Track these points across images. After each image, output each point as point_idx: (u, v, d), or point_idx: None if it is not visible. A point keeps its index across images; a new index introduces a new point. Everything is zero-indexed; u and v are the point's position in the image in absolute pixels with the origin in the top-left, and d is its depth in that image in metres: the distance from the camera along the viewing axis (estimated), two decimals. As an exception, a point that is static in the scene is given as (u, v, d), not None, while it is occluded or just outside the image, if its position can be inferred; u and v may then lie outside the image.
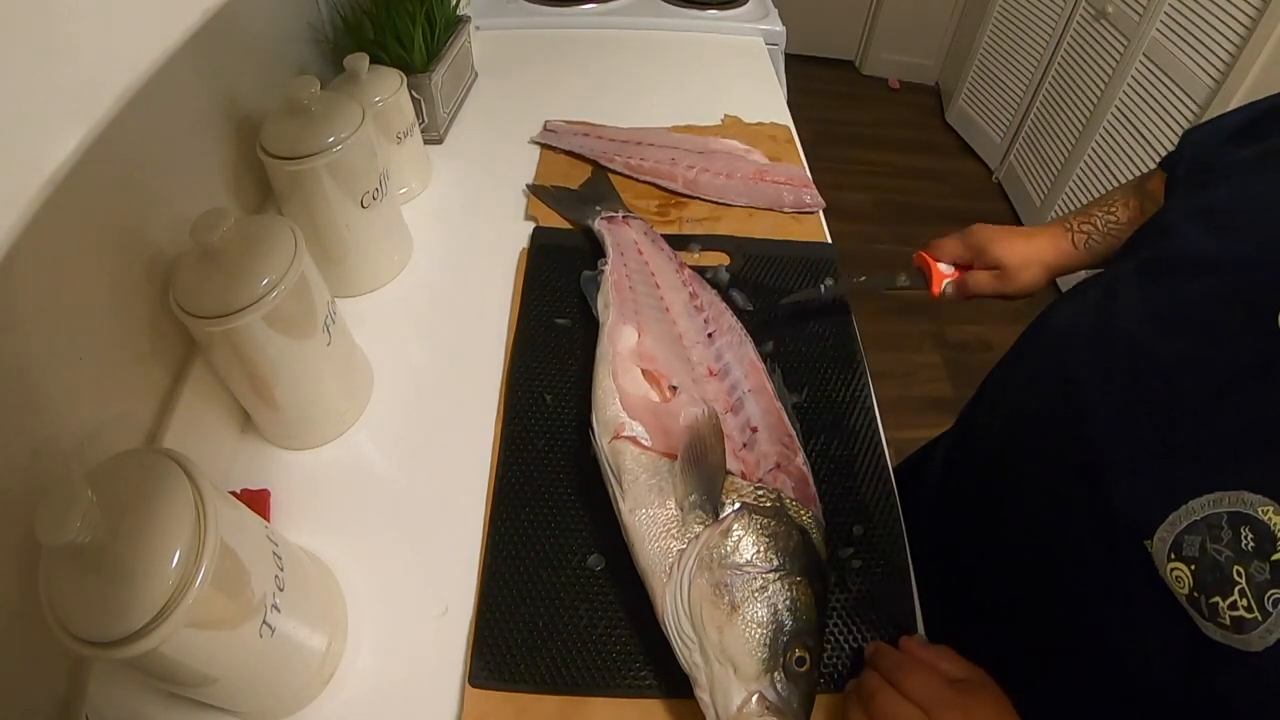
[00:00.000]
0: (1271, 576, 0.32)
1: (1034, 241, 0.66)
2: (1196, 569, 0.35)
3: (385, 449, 0.62)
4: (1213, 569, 0.34)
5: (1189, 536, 0.35)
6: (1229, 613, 0.33)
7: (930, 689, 0.43)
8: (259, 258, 0.50)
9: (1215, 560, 0.34)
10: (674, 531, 0.48)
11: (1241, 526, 0.34)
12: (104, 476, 0.36)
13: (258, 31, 0.70)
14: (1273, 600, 0.32)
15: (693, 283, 0.69)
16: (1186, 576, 0.35)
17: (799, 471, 0.53)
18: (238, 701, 0.45)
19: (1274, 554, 0.32)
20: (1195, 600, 0.35)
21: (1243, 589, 0.33)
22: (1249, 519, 0.34)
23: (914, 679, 0.43)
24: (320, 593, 0.49)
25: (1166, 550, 0.36)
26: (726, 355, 0.61)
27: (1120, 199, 0.65)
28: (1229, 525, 0.34)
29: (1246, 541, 0.33)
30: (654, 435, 0.53)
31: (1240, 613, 0.33)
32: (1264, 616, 0.32)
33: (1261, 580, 0.33)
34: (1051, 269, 0.66)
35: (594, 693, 0.48)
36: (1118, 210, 0.65)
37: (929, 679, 0.43)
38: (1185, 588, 0.35)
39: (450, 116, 0.96)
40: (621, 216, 0.77)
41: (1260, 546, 0.33)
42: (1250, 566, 0.33)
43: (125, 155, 0.49)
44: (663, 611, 0.46)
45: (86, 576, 0.34)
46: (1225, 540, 0.34)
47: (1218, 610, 0.34)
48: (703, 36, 1.21)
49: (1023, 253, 0.66)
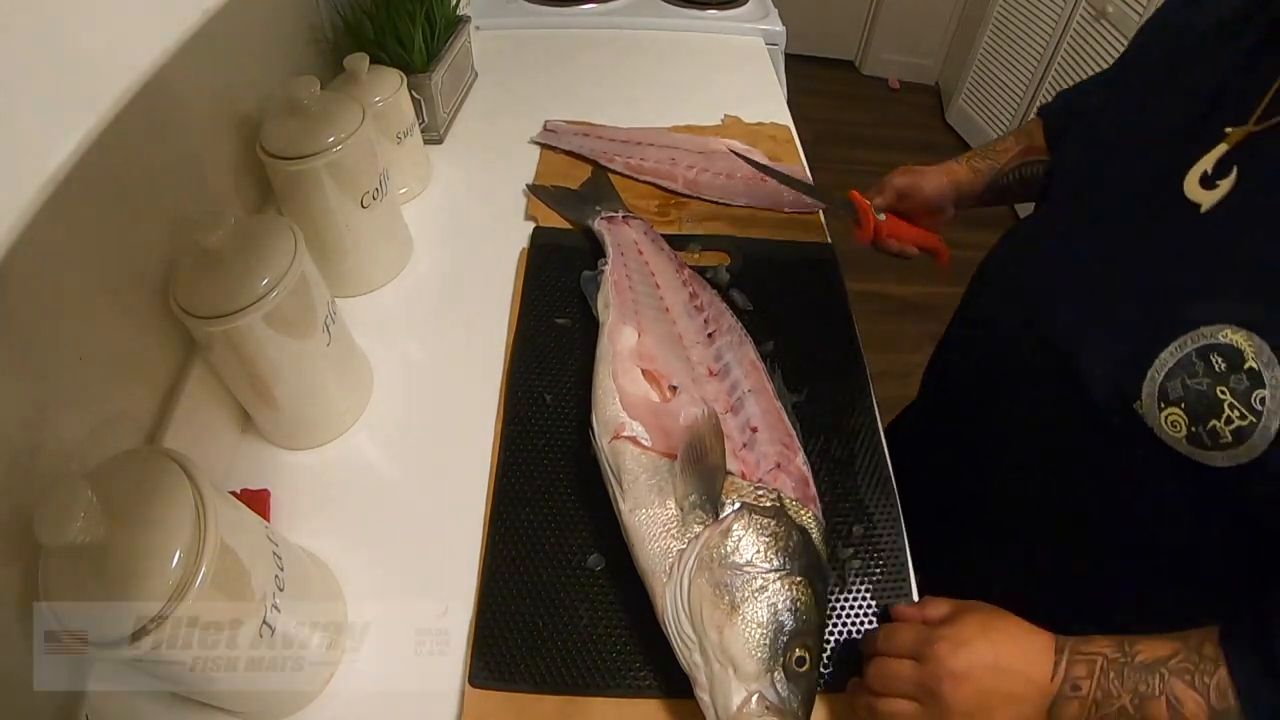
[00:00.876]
0: (1250, 383, 0.38)
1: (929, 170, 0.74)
2: (1186, 405, 0.40)
3: (385, 449, 0.62)
4: (1200, 399, 0.40)
5: (1170, 383, 0.41)
6: (1227, 429, 0.39)
7: (916, 637, 0.44)
8: (259, 258, 0.50)
9: (1199, 391, 0.40)
10: (674, 531, 0.48)
11: (1210, 355, 0.39)
12: (104, 476, 0.36)
13: (258, 31, 0.70)
14: (1259, 399, 0.38)
15: (693, 283, 0.69)
16: (1181, 417, 0.41)
17: (799, 471, 0.53)
18: (238, 701, 0.45)
19: (1245, 364, 0.38)
20: (1195, 435, 0.40)
21: (1231, 403, 0.39)
22: (1213, 346, 0.39)
23: (899, 637, 0.45)
24: (320, 592, 0.49)
25: (1156, 403, 0.42)
26: (726, 355, 0.61)
27: (1003, 137, 0.75)
28: (1199, 359, 0.40)
29: (1219, 365, 0.39)
30: (654, 435, 0.53)
31: (1237, 423, 0.38)
32: (1258, 418, 0.38)
33: (1242, 389, 0.38)
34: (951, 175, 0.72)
35: (594, 693, 0.48)
36: (998, 142, 0.74)
37: (912, 630, 0.45)
38: (1181, 430, 0.41)
39: (450, 116, 0.96)
40: (621, 216, 0.77)
41: (1231, 363, 0.39)
42: (1230, 382, 0.39)
43: (125, 155, 0.49)
44: (663, 611, 0.46)
45: (87, 576, 0.34)
46: (1201, 371, 0.40)
47: (1217, 433, 0.39)
48: (703, 36, 1.21)
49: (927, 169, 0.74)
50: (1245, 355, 0.38)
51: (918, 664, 0.43)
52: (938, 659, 0.42)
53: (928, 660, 0.43)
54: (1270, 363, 0.37)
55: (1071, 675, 0.41)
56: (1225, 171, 0.42)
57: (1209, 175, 0.43)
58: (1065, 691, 0.41)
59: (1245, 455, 0.38)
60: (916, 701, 0.43)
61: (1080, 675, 0.41)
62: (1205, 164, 0.43)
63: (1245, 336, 0.38)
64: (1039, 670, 0.42)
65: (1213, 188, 0.42)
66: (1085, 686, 0.41)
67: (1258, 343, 0.38)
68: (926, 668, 0.42)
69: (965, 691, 0.41)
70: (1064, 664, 0.42)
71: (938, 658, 0.42)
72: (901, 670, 0.44)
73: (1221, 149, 0.43)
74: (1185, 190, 0.44)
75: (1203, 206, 0.43)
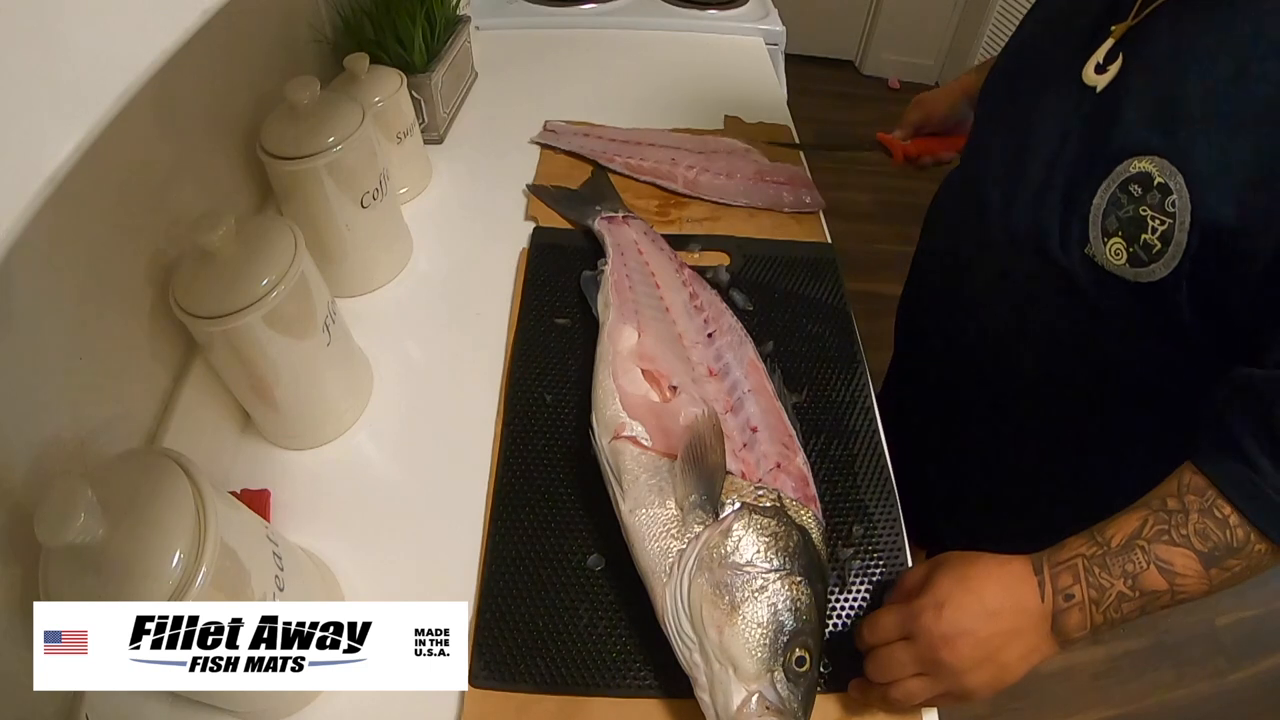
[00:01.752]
0: (1160, 194, 0.46)
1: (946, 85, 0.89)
2: (1123, 232, 0.48)
3: (385, 449, 0.62)
4: (1129, 222, 0.48)
5: (1107, 220, 0.49)
6: (1154, 237, 0.47)
7: (898, 617, 0.45)
8: (259, 258, 0.50)
9: (1129, 216, 0.48)
10: (674, 531, 0.48)
11: (1129, 185, 0.48)
12: (104, 476, 0.36)
13: (258, 31, 0.70)
14: (1170, 203, 0.45)
15: (693, 283, 0.69)
16: (1121, 244, 0.49)
17: (799, 471, 0.53)
18: (238, 701, 0.45)
19: (1155, 180, 0.46)
20: (1134, 256, 0.48)
21: (1151, 214, 0.46)
22: (1130, 177, 0.48)
23: (883, 623, 0.46)
24: (320, 593, 0.49)
25: (1101, 240, 0.50)
26: (726, 355, 0.61)
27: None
28: (1121, 192, 0.48)
29: (1136, 191, 0.47)
30: (654, 435, 0.53)
31: (1159, 230, 0.46)
32: (1173, 219, 0.45)
33: (1156, 201, 0.46)
34: (964, 87, 0.86)
35: (594, 693, 0.48)
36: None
37: (892, 611, 0.46)
38: (1123, 257, 0.49)
39: (450, 116, 0.96)
40: (621, 216, 0.77)
41: (1145, 185, 0.47)
42: (1147, 200, 0.47)
43: (125, 155, 0.49)
44: (663, 611, 0.46)
45: (86, 576, 0.34)
46: (1125, 202, 0.48)
47: (1149, 245, 0.47)
48: (703, 36, 1.21)
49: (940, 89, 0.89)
50: (1152, 175, 0.46)
51: (910, 642, 0.44)
52: (925, 630, 0.43)
53: (917, 634, 0.43)
54: (1171, 173, 0.45)
55: (1060, 587, 0.42)
56: (1114, 59, 0.52)
57: (1100, 64, 0.52)
58: (1060, 604, 0.42)
59: (1175, 253, 0.46)
60: (925, 675, 0.43)
61: (1067, 584, 0.42)
62: (1098, 56, 0.52)
63: (1149, 160, 0.46)
64: (1027, 597, 0.43)
65: (1104, 72, 0.52)
66: (1077, 592, 0.42)
67: (1159, 162, 0.46)
68: (920, 641, 0.43)
69: (964, 649, 0.42)
70: (1047, 580, 0.43)
71: (925, 628, 0.43)
72: (898, 653, 0.44)
73: (1110, 42, 0.52)
74: (1083, 78, 0.53)
75: (1098, 88, 0.52)
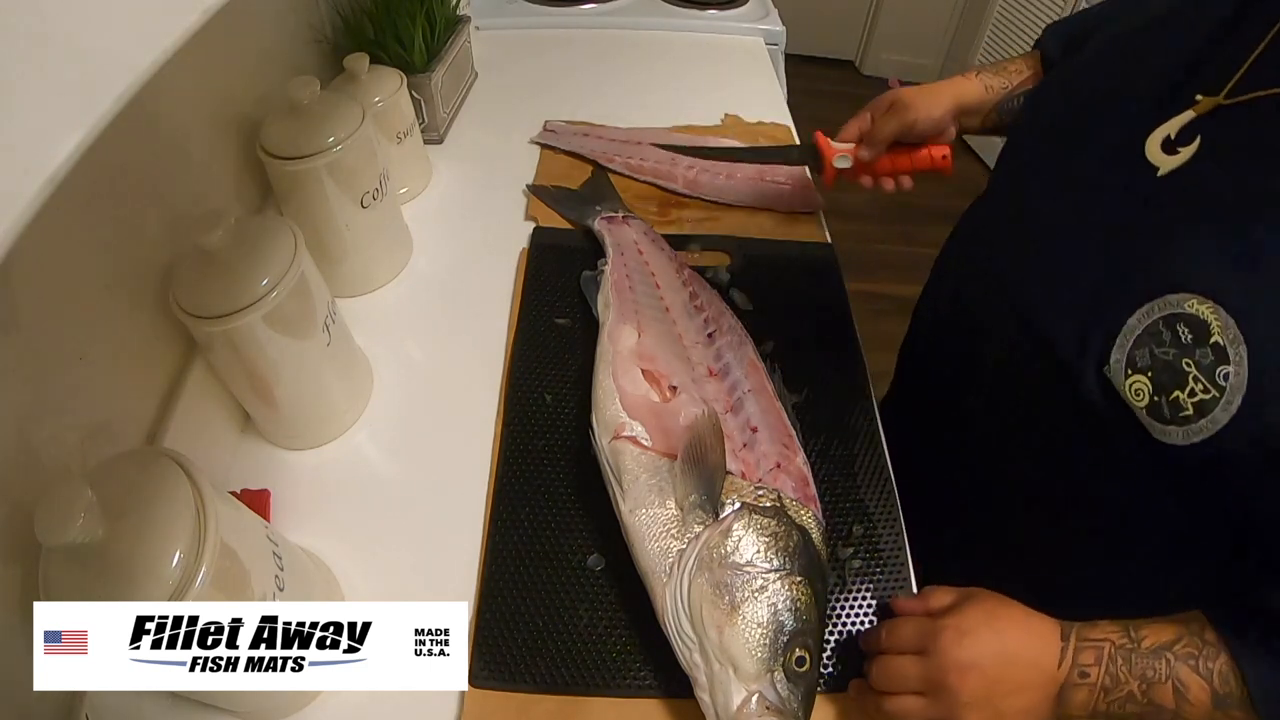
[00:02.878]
0: (1215, 357, 0.37)
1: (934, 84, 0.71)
2: (1152, 374, 0.40)
3: (385, 449, 0.62)
4: (1165, 369, 0.39)
5: (1138, 351, 0.41)
6: (1189, 401, 0.38)
7: (919, 630, 0.44)
8: (259, 258, 0.50)
9: (1165, 361, 0.39)
10: (674, 531, 0.48)
11: (1177, 325, 0.39)
12: (104, 476, 0.36)
13: (257, 31, 0.70)
14: (1223, 375, 0.37)
15: (693, 282, 0.69)
16: (1145, 385, 0.40)
17: (799, 471, 0.53)
18: (238, 701, 0.45)
19: (1211, 338, 0.37)
20: (1155, 406, 0.40)
21: (1195, 376, 0.38)
22: (1180, 316, 0.39)
23: (901, 632, 0.45)
24: (320, 593, 0.49)
25: (1123, 368, 0.41)
26: (726, 355, 0.61)
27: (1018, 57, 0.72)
28: (1166, 328, 0.39)
29: (1185, 336, 0.38)
30: (654, 435, 0.53)
31: (1200, 397, 0.38)
32: (1220, 393, 0.37)
33: (1208, 363, 0.38)
34: (957, 97, 0.69)
35: (594, 693, 0.48)
36: (1008, 63, 0.71)
37: (914, 623, 0.45)
38: (1144, 398, 0.40)
39: (450, 116, 0.96)
40: (621, 216, 0.77)
41: (1197, 335, 0.38)
42: (1195, 355, 0.38)
43: (125, 155, 0.49)
44: (663, 611, 0.46)
45: (86, 576, 0.34)
46: (1168, 341, 0.39)
47: (1179, 404, 0.39)
48: (703, 36, 1.21)
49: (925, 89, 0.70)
50: (1211, 329, 0.38)
51: (922, 657, 0.43)
52: (942, 650, 0.42)
53: (933, 653, 0.42)
54: (1235, 339, 0.37)
55: (1079, 662, 0.41)
56: (1189, 139, 0.42)
57: (1171, 140, 0.43)
58: (1073, 678, 0.41)
59: (1205, 430, 0.38)
60: (923, 695, 0.42)
61: (1088, 662, 0.41)
62: (1170, 128, 0.43)
63: (1211, 309, 0.38)
64: (1046, 657, 0.41)
65: (1174, 153, 0.42)
66: (1093, 673, 0.40)
67: (1224, 317, 0.37)
68: (932, 660, 0.42)
69: (972, 682, 0.41)
70: (1071, 650, 0.41)
71: (942, 649, 0.42)
72: (906, 667, 0.43)
73: (1189, 115, 0.42)
74: (1146, 152, 0.43)
75: (1160, 170, 0.43)
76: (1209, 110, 0.41)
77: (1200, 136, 0.41)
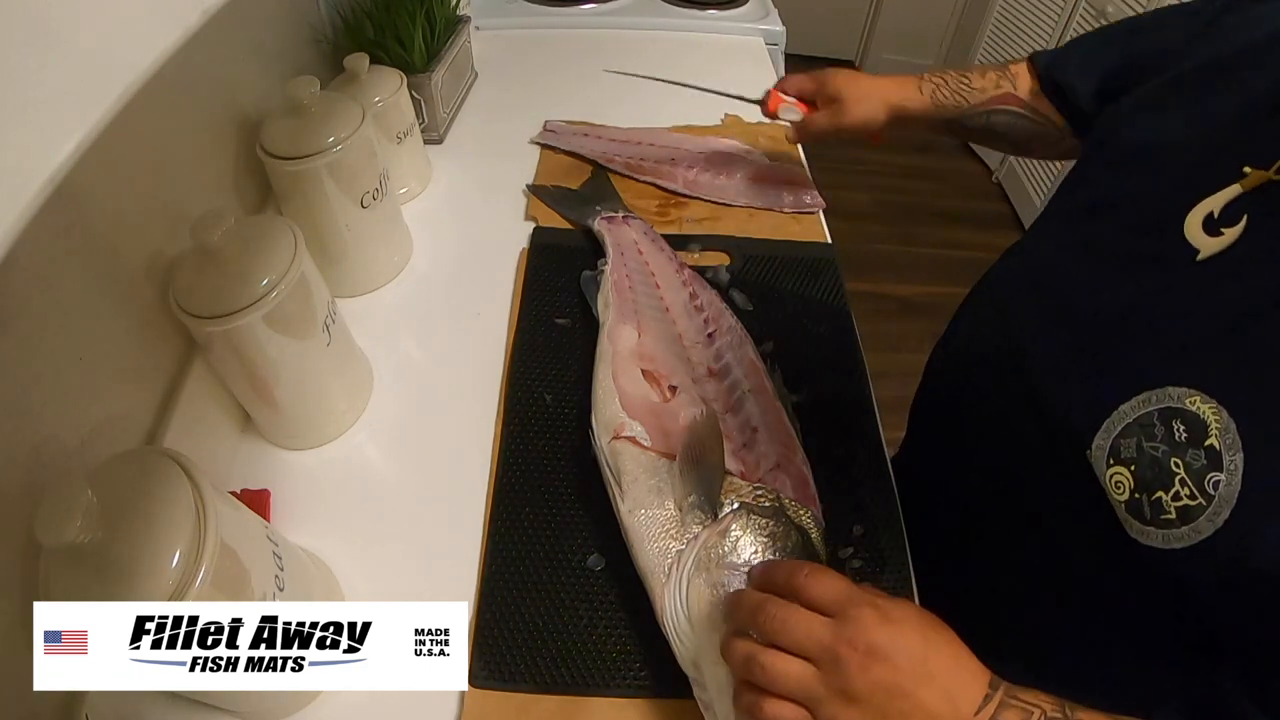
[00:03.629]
0: (1208, 461, 0.33)
1: (879, 80, 0.70)
2: (1136, 468, 0.36)
3: (385, 449, 0.62)
4: (1151, 465, 0.36)
5: (1124, 440, 0.37)
6: (1173, 504, 0.35)
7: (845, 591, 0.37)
8: (259, 258, 0.50)
9: (1153, 457, 0.36)
10: (673, 532, 0.48)
11: (1173, 420, 0.35)
12: (104, 476, 0.36)
13: (258, 31, 0.70)
14: (1213, 483, 0.33)
15: (693, 283, 0.69)
16: (1127, 479, 0.37)
17: (798, 472, 0.53)
18: (238, 701, 0.45)
19: (1207, 440, 0.34)
20: (1136, 503, 0.36)
21: (1183, 478, 0.34)
22: (1178, 412, 0.35)
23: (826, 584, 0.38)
24: (320, 593, 0.49)
25: (1105, 457, 0.38)
26: (726, 355, 0.61)
27: (980, 70, 0.68)
28: (1160, 422, 0.36)
29: (1179, 433, 0.35)
30: (653, 435, 0.53)
31: (1184, 502, 0.34)
32: (1208, 501, 0.33)
33: (1199, 467, 0.34)
34: (892, 106, 0.69)
35: (594, 693, 0.48)
36: (973, 76, 0.68)
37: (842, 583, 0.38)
38: (1125, 492, 0.37)
39: (450, 116, 0.96)
40: (622, 216, 0.77)
41: (1193, 435, 0.34)
42: (1186, 456, 0.34)
43: (125, 156, 0.49)
44: (662, 611, 0.46)
45: (86, 576, 0.34)
46: (1159, 436, 0.35)
47: (1161, 505, 0.35)
48: (703, 36, 1.21)
49: (865, 87, 0.69)
50: (1209, 430, 0.34)
51: (833, 622, 0.36)
52: (861, 622, 0.35)
53: (849, 621, 0.36)
54: (1233, 445, 0.33)
55: (1000, 717, 0.34)
56: (1234, 218, 0.37)
57: (1214, 218, 0.37)
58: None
59: (1186, 539, 0.34)
60: (812, 664, 0.36)
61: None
62: (1213, 204, 0.38)
63: (1214, 410, 0.34)
64: (965, 696, 0.35)
65: (1216, 234, 0.37)
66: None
67: (1225, 420, 0.33)
68: (845, 629, 0.36)
69: (877, 675, 0.34)
70: (995, 702, 0.35)
71: (862, 622, 0.35)
72: (814, 626, 0.36)
73: (1235, 190, 0.37)
74: (1185, 231, 0.38)
75: (1199, 254, 0.38)
76: (1257, 185, 0.36)
77: (1246, 217, 0.36)
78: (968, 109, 0.67)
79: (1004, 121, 0.66)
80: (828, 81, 0.72)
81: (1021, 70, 0.66)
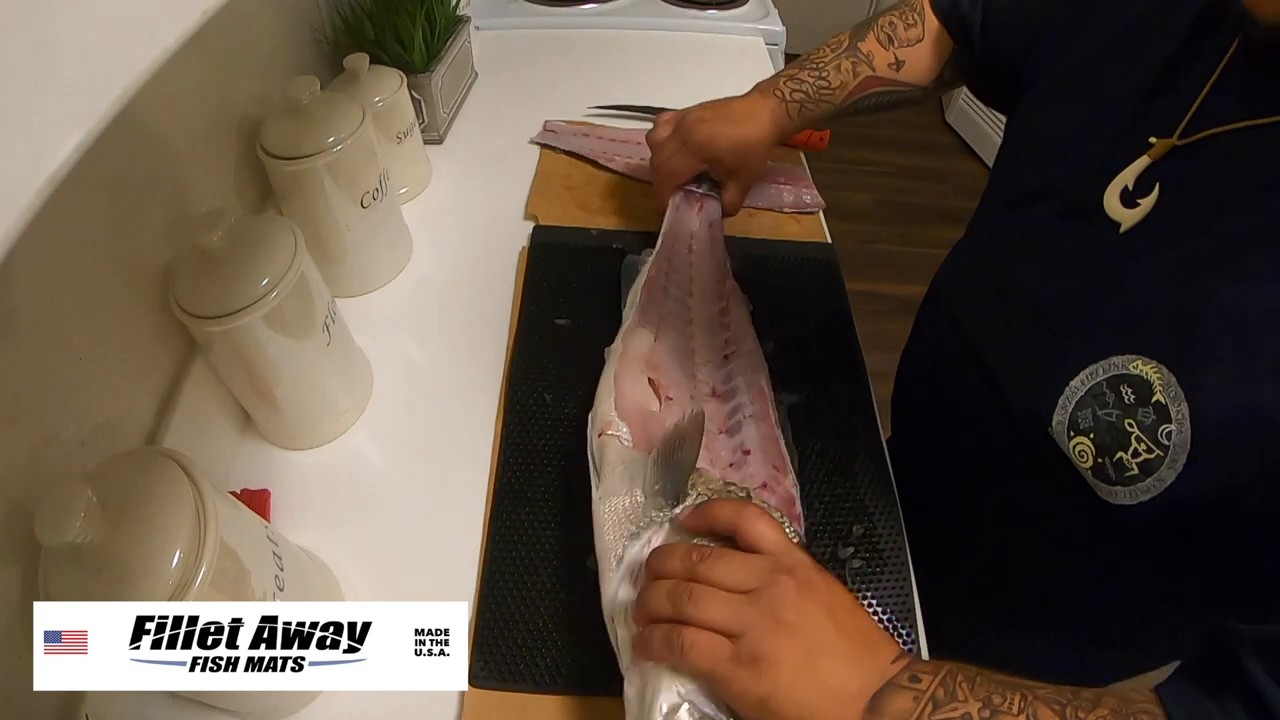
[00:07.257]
0: (1157, 416, 0.36)
1: (746, 124, 0.68)
2: (1095, 435, 0.39)
3: (385, 449, 0.62)
4: (1108, 430, 0.38)
5: (1080, 412, 0.40)
6: (1133, 461, 0.37)
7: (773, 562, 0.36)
8: (259, 258, 0.50)
9: (1108, 422, 0.38)
10: (634, 518, 0.45)
11: (1120, 385, 0.38)
12: (104, 476, 0.36)
13: (258, 31, 0.70)
14: (1165, 434, 0.36)
15: (731, 296, 0.67)
16: (1089, 447, 0.39)
17: (786, 493, 0.51)
18: (238, 701, 0.45)
19: (1153, 397, 0.37)
20: (1099, 468, 0.39)
21: (1138, 436, 0.37)
22: (1124, 377, 0.38)
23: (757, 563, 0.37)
24: (320, 593, 0.49)
25: (1066, 430, 0.40)
26: (737, 379, 0.59)
27: (832, 62, 0.69)
28: (1110, 389, 0.38)
29: (1128, 396, 0.38)
30: (637, 439, 0.51)
31: (1144, 456, 0.37)
32: (1164, 451, 0.36)
33: (1150, 422, 0.37)
34: (771, 143, 0.70)
35: (594, 693, 0.48)
36: (829, 74, 0.68)
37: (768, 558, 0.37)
38: (1089, 459, 0.39)
39: (450, 116, 0.96)
40: (701, 193, 0.74)
41: (1140, 395, 0.37)
42: (1138, 415, 0.37)
43: (125, 156, 0.49)
44: (606, 601, 0.43)
45: (86, 576, 0.34)
46: (1111, 402, 0.38)
47: (1123, 464, 0.38)
48: (703, 36, 1.21)
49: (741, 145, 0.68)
50: (1154, 387, 0.36)
51: (763, 556, 0.36)
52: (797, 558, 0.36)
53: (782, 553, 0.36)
54: (1177, 397, 0.35)
55: (914, 668, 0.34)
56: (1147, 188, 0.39)
57: (1129, 191, 0.39)
58: (901, 680, 0.33)
59: (1152, 489, 0.37)
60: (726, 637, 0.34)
61: (923, 670, 0.34)
62: (1126, 178, 0.40)
63: (1155, 368, 0.36)
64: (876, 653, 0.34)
65: (1133, 206, 0.39)
66: (926, 681, 0.33)
67: (1166, 376, 0.36)
68: (781, 559, 0.36)
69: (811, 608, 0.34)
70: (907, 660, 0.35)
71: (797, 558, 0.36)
72: (735, 600, 0.35)
73: (1144, 161, 0.39)
74: (1105, 207, 0.40)
75: (1122, 226, 0.40)
76: (1164, 153, 0.38)
77: (1159, 184, 0.38)
78: (833, 110, 0.68)
79: (868, 103, 0.69)
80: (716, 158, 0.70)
81: (873, 46, 0.67)
